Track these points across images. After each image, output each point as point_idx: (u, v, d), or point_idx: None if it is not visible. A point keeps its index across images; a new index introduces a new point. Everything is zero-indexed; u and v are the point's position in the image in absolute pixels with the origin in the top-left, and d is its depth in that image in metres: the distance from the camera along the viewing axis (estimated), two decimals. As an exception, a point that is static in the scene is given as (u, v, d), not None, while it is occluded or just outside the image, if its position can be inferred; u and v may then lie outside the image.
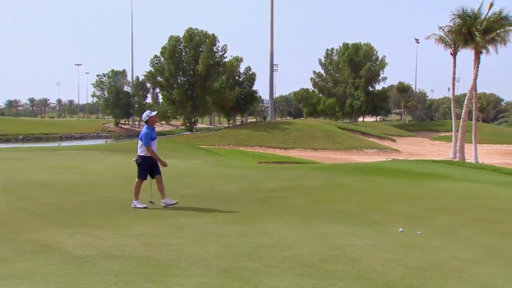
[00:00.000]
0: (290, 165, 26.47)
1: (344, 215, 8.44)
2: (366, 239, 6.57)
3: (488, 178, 17.08)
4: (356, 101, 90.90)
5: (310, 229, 7.22)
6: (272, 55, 79.92)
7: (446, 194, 11.12)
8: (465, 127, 39.54)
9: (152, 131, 9.17)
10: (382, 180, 13.64)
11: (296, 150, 54.74)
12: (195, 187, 11.99)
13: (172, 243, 6.24)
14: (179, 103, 70.73)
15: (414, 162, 24.81)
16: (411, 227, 7.39)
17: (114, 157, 22.64)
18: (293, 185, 12.47)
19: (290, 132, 62.11)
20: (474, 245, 6.38)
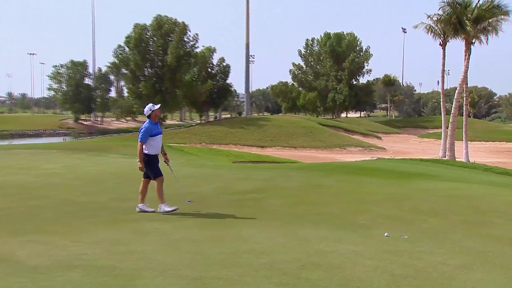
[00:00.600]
0: (268, 164, 26.54)
1: (326, 218, 8.50)
2: (349, 244, 6.62)
3: (480, 178, 17.44)
4: (338, 95, 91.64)
5: (288, 233, 7.25)
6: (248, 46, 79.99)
7: (435, 195, 11.30)
8: (455, 123, 40.26)
9: (154, 126, 9.06)
10: (367, 181, 13.79)
11: (274, 149, 54.91)
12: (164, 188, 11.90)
13: (137, 250, 6.18)
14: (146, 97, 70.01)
15: (400, 161, 25.15)
16: (397, 231, 7.48)
17: (73, 156, 22.34)
18: (271, 186, 12.49)
19: (268, 129, 62.27)
20: (464, 249, 6.49)
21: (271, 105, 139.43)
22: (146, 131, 8.94)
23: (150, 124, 9.02)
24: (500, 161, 43.01)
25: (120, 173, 15.34)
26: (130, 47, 69.79)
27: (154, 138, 9.00)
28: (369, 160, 27.03)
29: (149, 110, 9.04)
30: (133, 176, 14.54)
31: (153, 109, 9.06)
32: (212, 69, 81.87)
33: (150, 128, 8.97)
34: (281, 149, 54.75)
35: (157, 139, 9.04)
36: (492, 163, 34.54)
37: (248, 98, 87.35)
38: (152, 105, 9.16)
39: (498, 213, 9.31)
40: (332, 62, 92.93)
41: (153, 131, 9.00)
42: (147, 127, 8.97)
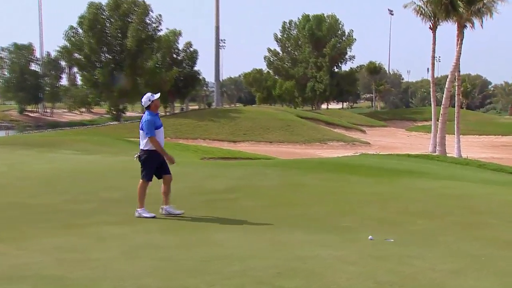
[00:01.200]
0: (241, 161, 26.55)
1: (305, 221, 8.55)
2: (330, 248, 6.68)
3: (473, 176, 17.78)
4: (318, 84, 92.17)
5: (264, 237, 7.27)
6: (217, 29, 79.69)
7: (424, 194, 11.47)
8: (446, 115, 40.87)
9: (155, 117, 8.90)
10: (350, 179, 13.92)
11: (247, 144, 54.97)
12: (124, 188, 11.81)
13: (92, 258, 6.12)
14: (103, 86, 69.26)
15: (387, 157, 25.46)
16: (383, 234, 7.57)
17: (19, 152, 21.98)
18: (244, 186, 12.50)
19: (240, 121, 62.30)
20: (456, 253, 6.61)
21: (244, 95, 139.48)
22: (149, 123, 8.76)
23: (150, 115, 8.87)
24: (495, 156, 43.90)
25: (75, 171, 15.15)
26: (84, 29, 68.82)
27: (158, 131, 8.86)
28: (353, 156, 27.29)
29: (148, 101, 8.88)
30: (90, 175, 14.40)
31: (153, 99, 8.90)
32: (177, 55, 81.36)
33: (153, 120, 8.82)
34: (255, 144, 54.84)
35: (160, 132, 8.92)
36: (486, 158, 35.24)
37: (218, 88, 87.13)
38: (151, 94, 9.00)
39: (494, 214, 9.50)
40: (312, 48, 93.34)
41: (156, 122, 8.86)
42: (150, 119, 8.80)
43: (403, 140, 65.40)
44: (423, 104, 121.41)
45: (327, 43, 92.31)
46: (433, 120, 44.40)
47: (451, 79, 40.88)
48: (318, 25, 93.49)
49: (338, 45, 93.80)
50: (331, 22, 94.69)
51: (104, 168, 16.08)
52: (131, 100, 77.22)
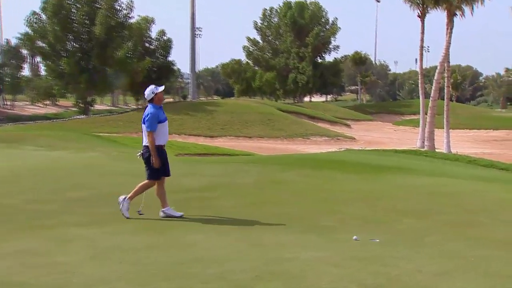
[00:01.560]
0: (218, 157, 26.52)
1: (286, 221, 8.58)
2: (312, 250, 6.72)
3: (463, 172, 18.00)
4: (301, 75, 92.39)
5: (242, 238, 7.29)
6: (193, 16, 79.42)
7: (412, 192, 11.58)
8: (435, 108, 41.26)
9: (159, 110, 8.82)
10: (334, 176, 13.99)
11: (225, 139, 54.90)
12: (92, 187, 11.75)
13: (58, 262, 6.08)
14: (69, 77, 68.46)
15: (373, 152, 25.64)
16: (368, 234, 7.64)
17: (-22, 149, 21.67)
18: (222, 183, 12.51)
19: (218, 115, 62.20)
20: (445, 254, 6.68)
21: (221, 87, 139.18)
22: (153, 116, 8.66)
23: (154, 108, 8.79)
24: (486, 151, 44.43)
25: (38, 169, 15.00)
26: (47, 14, 67.84)
27: (162, 125, 8.78)
28: (337, 152, 27.44)
29: (152, 93, 8.80)
30: (55, 172, 14.27)
31: (156, 91, 8.83)
32: (150, 44, 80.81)
33: (156, 113, 8.73)
34: (233, 139, 54.79)
35: (165, 126, 8.85)
36: (476, 154, 35.64)
37: (194, 79, 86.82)
38: (155, 87, 8.92)
39: (486, 212, 9.63)
40: (294, 37, 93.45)
41: (160, 116, 8.78)
42: (154, 112, 8.70)
43: (390, 134, 65.86)
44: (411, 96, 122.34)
45: (310, 31, 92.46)
46: (422, 114, 44.73)
47: (440, 70, 41.24)
48: (301, 13, 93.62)
49: (322, 34, 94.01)
50: (314, 10, 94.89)
51: (70, 165, 15.96)
52: (99, 92, 76.53)
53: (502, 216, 9.35)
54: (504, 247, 7.12)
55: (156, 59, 79.87)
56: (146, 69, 74.90)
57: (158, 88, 8.91)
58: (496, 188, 13.04)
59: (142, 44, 78.14)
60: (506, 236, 7.85)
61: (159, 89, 8.91)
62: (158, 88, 8.92)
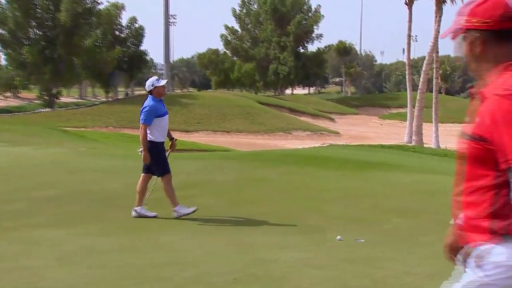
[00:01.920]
0: (194, 153, 26.47)
1: (267, 220, 8.60)
2: (294, 251, 6.74)
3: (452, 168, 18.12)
4: (282, 66, 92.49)
5: (221, 239, 7.29)
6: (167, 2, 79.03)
7: (399, 190, 11.67)
8: (423, 101, 41.53)
9: (158, 104, 8.77)
10: (317, 173, 14.04)
11: (202, 134, 54.81)
12: (58, 185, 11.67)
13: (22, 266, 6.03)
14: (33, 67, 67.67)
15: (358, 148, 25.77)
16: (353, 234, 7.68)
17: None
18: (199, 181, 12.50)
19: (194, 108, 62.06)
20: (434, 255, 6.71)
21: (198, 79, 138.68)
22: (150, 110, 8.64)
23: (153, 101, 8.74)
24: (476, 147, 44.89)
25: (0, 167, 14.85)
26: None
27: (161, 119, 8.75)
28: (320, 148, 27.54)
29: (151, 86, 8.75)
30: (19, 170, 14.13)
31: (157, 84, 8.77)
32: (121, 32, 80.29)
33: (155, 107, 8.69)
34: (211, 134, 54.74)
35: (164, 120, 8.82)
36: (466, 149, 35.96)
37: (169, 70, 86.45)
38: (157, 79, 8.88)
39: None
40: (274, 25, 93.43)
41: (159, 110, 8.74)
42: (151, 105, 8.67)
43: (376, 129, 66.21)
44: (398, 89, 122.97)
45: (292, 19, 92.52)
46: (409, 107, 44.99)
47: (429, 61, 41.51)
48: (282, 0, 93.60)
49: (304, 22, 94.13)
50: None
51: (35, 162, 15.81)
52: (66, 84, 75.82)
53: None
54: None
55: (127, 48, 79.40)
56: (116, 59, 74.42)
57: (159, 81, 8.85)
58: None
59: (111, 32, 77.58)
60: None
61: (161, 82, 8.85)
62: (159, 81, 8.87)
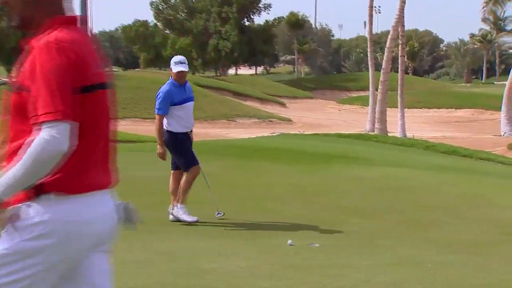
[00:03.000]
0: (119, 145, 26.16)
1: (205, 222, 8.58)
2: (238, 258, 6.74)
3: (420, 160, 18.48)
4: (224, 42, 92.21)
5: (149, 246, 7.23)
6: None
7: (359, 186, 11.81)
8: (387, 82, 41.97)
9: (179, 89, 8.60)
10: (265, 166, 14.07)
11: (128, 121, 54.15)
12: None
13: None
14: None
15: (312, 137, 25.94)
16: (307, 238, 7.74)
17: None
18: (123, 178, 12.31)
19: (118, 91, 59.39)
20: (397, 261, 6.85)
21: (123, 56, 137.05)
22: (163, 97, 8.53)
23: (171, 86, 8.60)
24: (447, 135, 45.70)
25: None
26: None
27: (182, 106, 8.60)
28: (269, 137, 27.61)
29: (170, 65, 8.64)
30: None
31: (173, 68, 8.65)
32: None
33: (171, 93, 8.55)
34: (139, 122, 54.13)
35: (185, 108, 8.68)
36: (436, 138, 36.63)
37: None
38: (177, 61, 8.68)
39: (447, 209, 9.95)
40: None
41: (177, 96, 8.56)
42: (166, 91, 8.55)
43: (334, 115, 66.68)
44: (359, 68, 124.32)
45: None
46: (371, 90, 45.45)
47: (394, 36, 41.98)
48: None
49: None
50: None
51: None
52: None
53: (465, 213, 9.69)
54: (467, 251, 7.37)
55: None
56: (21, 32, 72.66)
57: (176, 66, 8.66)
58: (457, 180, 13.47)
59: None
60: (469, 237, 8.13)
61: (176, 67, 8.64)
62: (177, 65, 8.66)
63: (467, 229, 8.57)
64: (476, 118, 64.55)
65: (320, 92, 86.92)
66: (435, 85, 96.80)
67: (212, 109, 59.74)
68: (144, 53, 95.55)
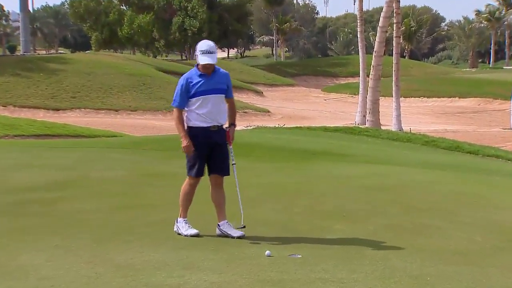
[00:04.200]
0: (68, 140, 26.09)
1: (169, 230, 8.60)
2: (206, 271, 6.78)
3: (417, 157, 18.63)
4: (191, 20, 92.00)
5: (101, 258, 7.22)
6: None
7: (346, 186, 11.90)
8: (380, 68, 42.10)
9: (202, 78, 8.46)
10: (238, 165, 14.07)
11: (78, 113, 54.02)
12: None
13: None
14: None
15: (294, 131, 26.02)
16: (285, 247, 7.80)
17: None
18: (74, 179, 12.43)
19: (66, 77, 61.00)
20: (387, 273, 6.87)
21: (71, 36, 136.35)
22: (180, 88, 8.48)
23: (192, 74, 8.53)
24: (449, 128, 46.04)
25: None
26: None
27: (199, 99, 8.45)
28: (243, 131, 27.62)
29: (195, 54, 8.48)
30: None
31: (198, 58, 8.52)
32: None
33: (188, 83, 8.45)
34: (91, 113, 53.98)
35: (206, 102, 8.48)
36: (437, 132, 36.92)
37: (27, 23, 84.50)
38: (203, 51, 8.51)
39: (442, 212, 10.05)
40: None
41: (195, 87, 8.43)
42: (183, 82, 8.48)
43: (319, 105, 66.80)
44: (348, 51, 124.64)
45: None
46: (362, 76, 45.57)
47: (387, 14, 42.07)
48: None
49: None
50: None
51: None
52: None
53: (463, 217, 9.78)
54: (465, 261, 7.45)
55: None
56: None
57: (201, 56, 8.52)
58: (457, 179, 13.61)
59: None
60: (468, 245, 8.20)
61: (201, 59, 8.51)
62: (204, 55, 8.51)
63: (465, 235, 8.65)
64: (482, 108, 64.73)
65: (302, 78, 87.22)
66: (435, 70, 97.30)
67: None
68: (96, 32, 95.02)
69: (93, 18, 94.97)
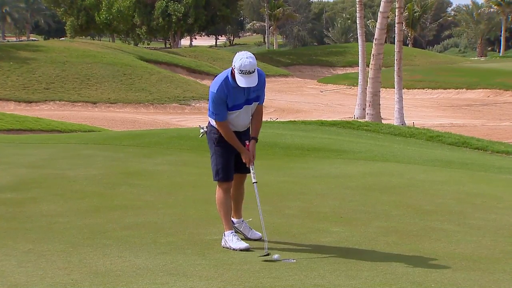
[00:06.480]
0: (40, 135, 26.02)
1: (148, 235, 8.58)
2: (190, 279, 6.77)
3: (421, 154, 18.60)
4: (175, 4, 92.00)
5: (77, 264, 7.21)
6: None
7: (343, 186, 11.89)
8: (381, 57, 42.15)
9: (234, 90, 8.06)
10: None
11: (52, 105, 53.95)
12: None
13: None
14: None
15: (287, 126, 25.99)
16: (278, 252, 7.76)
17: None
18: (45, 177, 12.40)
19: (39, 67, 60.91)
20: (390, 280, 6.87)
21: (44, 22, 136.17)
22: (215, 100, 8.12)
23: (228, 85, 8.10)
24: (455, 122, 46.13)
25: None
26: None
27: (240, 112, 8.23)
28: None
29: (233, 64, 7.99)
30: None
31: (236, 68, 7.92)
32: None
33: (224, 95, 8.08)
34: (66, 106, 53.93)
35: (237, 115, 8.26)
36: (442, 126, 37.02)
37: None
38: (248, 68, 7.90)
39: (450, 214, 10.03)
40: None
41: (231, 101, 8.15)
42: (215, 95, 8.11)
43: (315, 98, 66.83)
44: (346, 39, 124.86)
45: None
46: (361, 65, 45.60)
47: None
48: None
49: None
50: None
51: None
52: None
53: (471, 219, 9.76)
54: (473, 267, 7.43)
55: None
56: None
57: (241, 77, 7.93)
58: (467, 179, 13.58)
59: None
60: (477, 249, 8.18)
61: (241, 80, 7.94)
62: (242, 75, 7.92)
63: (474, 239, 8.62)
64: (492, 100, 64.74)
65: (297, 68, 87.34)
66: (441, 59, 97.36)
67: (160, 90, 59.55)
68: (72, 17, 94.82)
69: (68, 1, 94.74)
